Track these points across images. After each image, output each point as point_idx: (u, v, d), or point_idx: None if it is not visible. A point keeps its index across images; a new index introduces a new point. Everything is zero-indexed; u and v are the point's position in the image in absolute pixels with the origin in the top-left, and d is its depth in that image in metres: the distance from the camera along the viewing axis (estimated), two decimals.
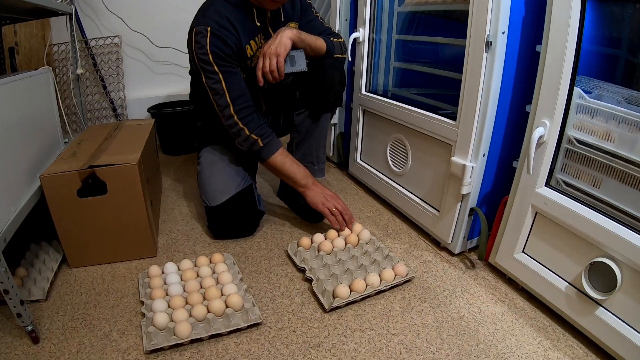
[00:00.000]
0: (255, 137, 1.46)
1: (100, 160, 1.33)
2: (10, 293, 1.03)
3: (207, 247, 1.56)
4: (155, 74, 2.75)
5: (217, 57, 1.37)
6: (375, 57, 1.94)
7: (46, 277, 1.32)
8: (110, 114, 2.67)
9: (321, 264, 1.39)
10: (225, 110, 1.44)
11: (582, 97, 1.07)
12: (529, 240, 1.26)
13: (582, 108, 1.08)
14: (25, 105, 1.34)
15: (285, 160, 1.52)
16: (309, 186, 1.54)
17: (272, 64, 1.40)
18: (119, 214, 1.37)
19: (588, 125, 1.08)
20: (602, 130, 1.05)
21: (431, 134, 1.52)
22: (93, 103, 2.61)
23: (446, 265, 1.46)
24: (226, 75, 1.40)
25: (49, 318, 1.20)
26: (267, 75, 1.42)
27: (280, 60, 1.40)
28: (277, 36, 1.41)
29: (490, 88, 1.23)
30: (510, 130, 1.34)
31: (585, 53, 1.06)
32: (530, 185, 1.19)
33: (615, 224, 1.01)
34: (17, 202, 1.20)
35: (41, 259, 1.40)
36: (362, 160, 2.08)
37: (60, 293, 1.30)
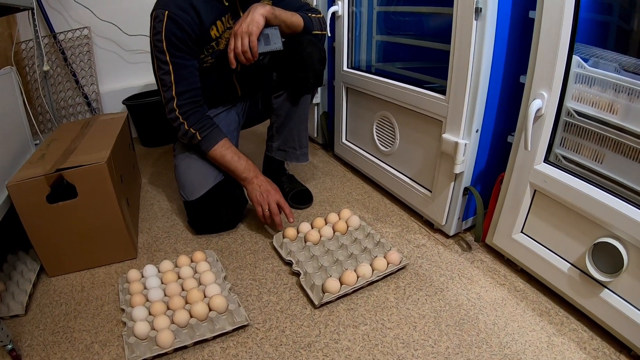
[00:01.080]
0: (194, 130, 1.42)
1: (68, 162, 1.26)
2: None
3: (189, 243, 1.50)
4: (128, 63, 2.64)
5: (172, 45, 1.33)
6: (356, 32, 1.86)
7: (24, 290, 1.26)
8: (85, 110, 2.57)
9: (309, 255, 1.34)
10: (169, 103, 1.40)
11: (581, 66, 1.01)
12: (527, 220, 1.21)
13: (581, 78, 1.02)
14: None
15: (224, 153, 1.46)
16: (249, 179, 1.48)
17: (244, 44, 1.31)
18: (93, 217, 1.30)
19: (588, 96, 1.02)
20: (604, 101, 0.99)
21: (419, 110, 1.45)
22: (66, 99, 2.50)
23: (441, 248, 1.41)
24: (177, 67, 1.36)
25: (30, 333, 1.14)
26: (240, 56, 1.33)
27: (253, 39, 1.31)
28: (249, 14, 1.32)
29: (482, 58, 1.16)
30: (504, 104, 1.28)
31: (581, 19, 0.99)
32: (528, 162, 1.14)
33: (621, 201, 0.96)
34: None
35: (19, 270, 1.34)
36: (347, 140, 2.02)
37: (40, 305, 1.25)
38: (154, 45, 1.35)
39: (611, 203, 0.96)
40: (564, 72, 1.01)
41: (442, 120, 1.34)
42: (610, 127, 0.98)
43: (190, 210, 1.51)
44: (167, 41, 1.31)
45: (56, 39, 2.34)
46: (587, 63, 1.01)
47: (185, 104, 1.40)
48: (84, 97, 2.49)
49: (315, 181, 1.91)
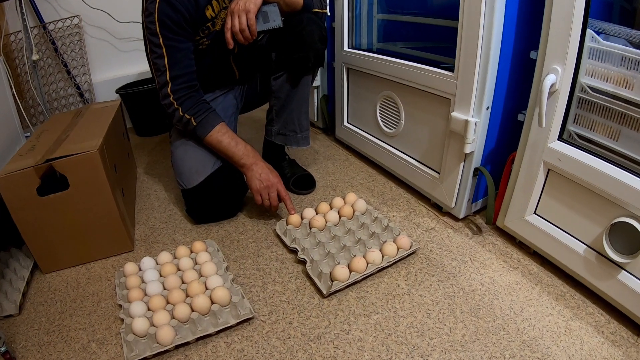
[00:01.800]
0: (189, 116, 1.36)
1: (58, 151, 1.22)
2: None
3: (188, 233, 1.46)
4: (121, 52, 2.58)
5: (165, 27, 1.26)
6: (356, 10, 1.81)
7: (18, 289, 1.22)
8: (78, 101, 2.51)
9: (314, 242, 1.30)
10: (163, 89, 1.34)
11: (596, 40, 0.97)
12: (541, 201, 1.17)
13: (595, 52, 0.98)
14: None
15: (221, 139, 1.40)
16: (247, 166, 1.42)
17: (241, 22, 1.25)
18: (86, 209, 1.26)
19: (603, 71, 0.98)
20: (620, 76, 0.95)
21: (426, 89, 1.40)
22: (58, 91, 2.44)
23: (451, 231, 1.37)
24: (170, 50, 1.30)
25: (24, 334, 1.10)
26: (238, 35, 1.28)
27: (251, 17, 1.25)
28: None
29: (492, 32, 1.11)
30: (514, 81, 1.23)
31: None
32: (541, 140, 1.09)
33: (639, 179, 0.92)
34: None
35: (12, 267, 1.30)
36: (349, 123, 1.97)
37: (34, 304, 1.20)
38: (146, 28, 1.29)
39: (629, 181, 0.93)
40: (578, 46, 0.97)
41: (450, 98, 1.30)
42: (626, 102, 0.94)
43: (188, 198, 1.47)
44: (160, 23, 1.25)
45: (46, 29, 2.28)
46: (600, 37, 0.97)
47: (180, 89, 1.35)
48: (76, 87, 2.44)
49: (317, 166, 1.86)
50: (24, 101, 2.15)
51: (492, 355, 0.94)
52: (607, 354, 0.93)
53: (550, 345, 0.96)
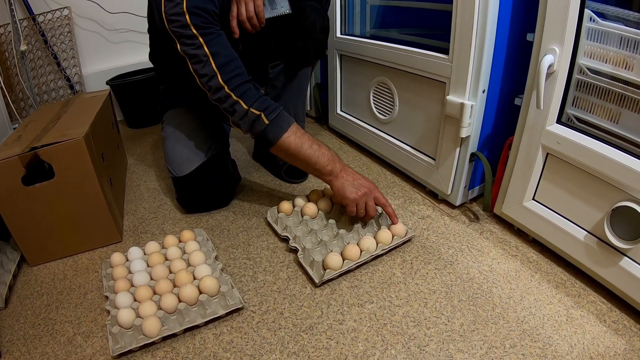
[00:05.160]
0: (257, 111, 1.15)
1: (43, 140, 1.18)
2: None
3: (178, 223, 1.43)
4: (111, 43, 2.54)
5: (197, 17, 1.08)
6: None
7: (4, 282, 1.19)
8: (68, 93, 2.48)
9: (306, 230, 1.26)
10: (211, 81, 1.13)
11: (594, 20, 0.94)
12: (539, 186, 1.14)
13: (593, 32, 0.95)
14: None
15: (301, 141, 1.19)
16: (335, 173, 1.21)
17: (249, 10, 1.17)
18: (73, 199, 1.22)
19: (601, 52, 0.95)
20: (619, 57, 0.91)
21: (420, 73, 1.37)
22: (48, 83, 2.41)
23: (447, 219, 1.34)
24: (209, 37, 1.11)
25: (10, 327, 1.07)
26: (245, 23, 1.19)
27: (259, 3, 1.18)
28: None
29: (487, 13, 1.07)
30: (511, 63, 1.20)
31: None
32: (539, 123, 1.06)
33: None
34: None
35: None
36: (342, 111, 1.94)
37: (20, 297, 1.17)
38: (171, 21, 1.08)
39: (631, 164, 0.89)
40: (576, 27, 0.94)
41: (445, 81, 1.26)
42: (626, 84, 0.91)
43: (179, 187, 1.43)
44: (191, 14, 1.06)
45: (35, 21, 2.24)
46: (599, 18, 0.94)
47: (233, 77, 1.14)
48: (67, 79, 2.40)
49: None
50: (13, 94, 2.11)
51: (492, 345, 0.91)
52: (609, 343, 0.90)
53: (551, 334, 0.93)
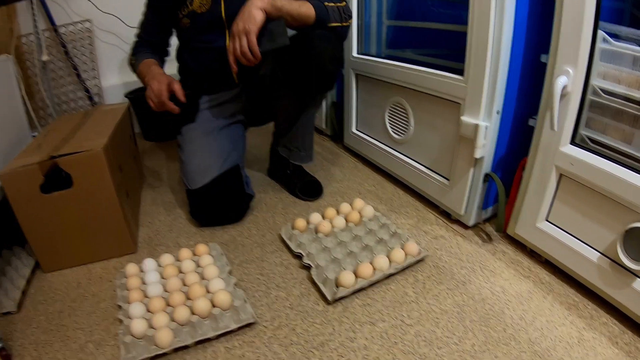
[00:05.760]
0: (133, 59, 1.56)
1: (63, 149, 1.22)
2: None
3: (192, 237, 1.45)
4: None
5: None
6: (365, 16, 1.80)
7: (18, 287, 1.22)
8: (87, 104, 2.54)
9: (320, 247, 1.28)
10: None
11: (607, 41, 0.96)
12: (553, 207, 1.15)
13: (607, 54, 0.97)
14: None
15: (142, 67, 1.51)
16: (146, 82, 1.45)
17: (242, 45, 1.19)
18: (90, 208, 1.25)
19: (615, 72, 0.97)
20: (632, 78, 0.93)
21: (435, 93, 1.39)
22: (67, 93, 2.47)
23: (460, 239, 1.35)
24: (146, 16, 1.58)
25: (22, 332, 1.09)
26: (241, 58, 1.22)
27: (252, 38, 1.19)
28: (245, 9, 1.20)
29: (502, 35, 1.11)
30: (525, 85, 1.22)
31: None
32: (553, 144, 1.08)
33: None
34: None
35: (13, 266, 1.30)
36: (358, 130, 1.96)
37: (33, 302, 1.20)
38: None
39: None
40: (590, 48, 0.96)
41: (460, 102, 1.29)
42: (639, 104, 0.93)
43: (193, 199, 1.47)
44: None
45: (57, 32, 2.30)
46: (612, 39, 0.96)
47: (138, 44, 1.59)
48: (86, 90, 2.46)
49: (324, 172, 1.85)
50: (33, 102, 2.16)
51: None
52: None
53: (563, 356, 0.93)
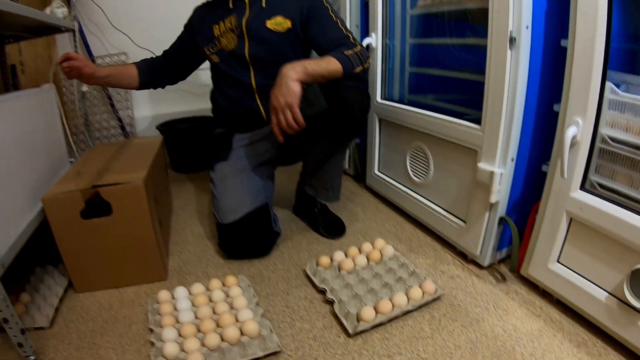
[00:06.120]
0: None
1: (104, 179, 1.31)
2: (10, 322, 1.01)
3: (220, 268, 1.52)
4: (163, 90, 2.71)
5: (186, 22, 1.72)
6: (389, 63, 1.91)
7: (51, 304, 1.30)
8: (119, 133, 2.68)
9: (343, 284, 1.34)
10: None
11: (615, 92, 1.03)
12: (564, 249, 1.21)
13: (615, 104, 1.04)
14: (28, 124, 1.33)
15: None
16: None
17: (287, 119, 1.26)
18: (126, 236, 1.34)
19: (622, 121, 1.03)
20: (639, 126, 1.00)
21: (454, 140, 1.47)
22: (101, 122, 2.63)
23: (475, 279, 1.41)
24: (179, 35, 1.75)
25: (54, 347, 1.16)
26: (287, 130, 1.29)
27: (295, 111, 1.25)
28: (282, 82, 1.27)
29: (517, 87, 1.20)
30: (538, 132, 1.30)
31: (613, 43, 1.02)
32: (563, 190, 1.14)
33: None
34: (18, 226, 1.19)
35: (46, 283, 1.38)
36: (380, 171, 2.04)
37: (65, 320, 1.27)
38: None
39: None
40: (598, 99, 1.03)
41: (477, 149, 1.36)
42: None
43: (223, 233, 1.55)
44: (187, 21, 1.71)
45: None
46: (620, 88, 1.03)
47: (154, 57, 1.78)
48: (118, 120, 2.60)
49: (347, 212, 1.93)
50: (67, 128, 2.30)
51: None
52: None
53: None
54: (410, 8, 1.79)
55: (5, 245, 1.08)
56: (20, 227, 1.19)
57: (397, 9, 1.83)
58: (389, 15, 1.84)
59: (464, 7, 1.48)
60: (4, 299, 0.99)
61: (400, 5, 1.82)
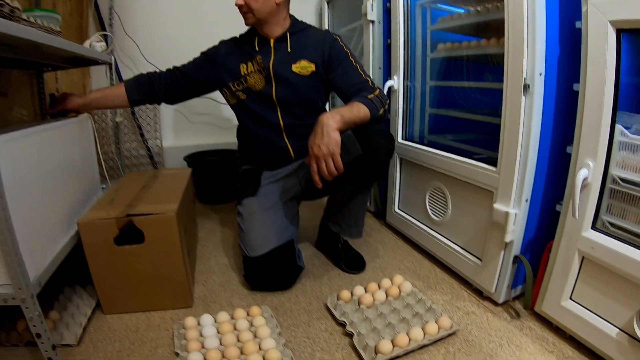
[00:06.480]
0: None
1: (138, 208, 1.40)
2: (43, 337, 1.09)
3: (244, 298, 1.59)
4: (191, 123, 2.87)
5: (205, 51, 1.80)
6: (410, 104, 2.00)
7: (79, 322, 1.36)
8: (147, 162, 2.80)
9: (362, 317, 1.39)
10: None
11: (624, 134, 1.10)
12: (576, 287, 1.26)
13: (624, 145, 1.10)
14: (66, 151, 1.44)
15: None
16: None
17: (329, 167, 1.31)
18: (156, 264, 1.41)
19: (632, 162, 1.09)
20: None
21: (471, 181, 1.54)
22: (130, 150, 2.75)
23: (490, 315, 1.45)
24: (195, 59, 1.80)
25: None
26: (327, 177, 1.33)
27: (337, 159, 1.30)
28: (322, 131, 1.31)
29: (531, 131, 1.27)
30: (552, 173, 1.37)
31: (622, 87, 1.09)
32: (575, 229, 1.20)
33: None
34: (54, 247, 1.28)
35: (75, 303, 1.45)
36: (400, 209, 2.11)
37: (92, 339, 1.33)
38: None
39: None
40: (608, 141, 1.10)
41: (493, 191, 1.43)
42: None
43: (249, 266, 1.61)
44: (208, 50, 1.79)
45: None
46: (630, 130, 1.09)
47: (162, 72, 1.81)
48: (147, 149, 2.72)
49: (367, 248, 1.98)
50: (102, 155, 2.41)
51: None
52: None
53: None
54: (431, 51, 1.89)
55: (42, 265, 1.17)
56: (56, 249, 1.28)
57: (418, 52, 1.93)
58: (410, 58, 1.94)
59: (482, 52, 1.58)
60: (39, 315, 1.07)
61: (421, 48, 1.92)
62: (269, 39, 1.66)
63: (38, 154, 1.24)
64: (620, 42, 1.06)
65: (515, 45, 1.26)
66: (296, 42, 1.67)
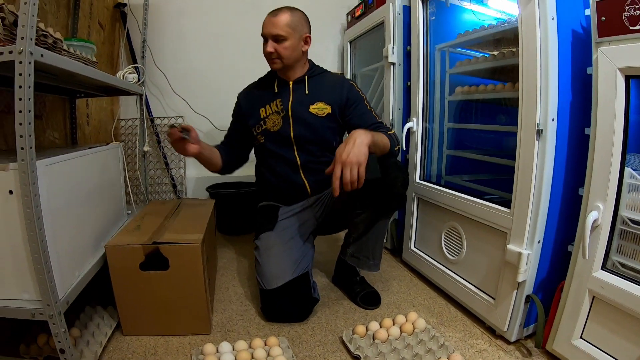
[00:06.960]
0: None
1: (164, 237, 1.47)
2: (66, 353, 1.15)
3: (262, 329, 1.63)
4: None
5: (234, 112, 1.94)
6: (428, 146, 2.07)
7: (99, 341, 1.42)
8: (170, 190, 2.89)
9: (376, 352, 1.43)
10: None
11: (634, 177, 1.15)
12: (587, 326, 1.29)
13: (634, 187, 1.16)
14: (98, 177, 1.53)
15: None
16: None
17: (353, 175, 1.37)
18: (178, 290, 1.48)
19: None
20: None
21: (486, 222, 1.60)
22: (155, 178, 2.85)
23: (502, 354, 1.48)
24: (231, 124, 1.95)
25: None
26: (347, 185, 1.38)
27: (362, 170, 1.37)
28: (354, 142, 1.40)
29: (543, 175, 1.34)
30: (564, 215, 1.42)
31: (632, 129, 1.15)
32: (586, 270, 1.25)
33: None
34: (82, 268, 1.37)
35: (95, 322, 1.51)
36: (416, 247, 2.16)
37: (111, 358, 1.39)
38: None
39: None
40: (618, 183, 1.16)
41: (506, 231, 1.48)
42: None
43: (265, 298, 1.67)
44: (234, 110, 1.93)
45: (153, 122, 2.73)
46: (638, 172, 1.15)
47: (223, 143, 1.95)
48: (171, 178, 2.82)
49: (383, 284, 2.03)
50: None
51: None
52: None
53: None
54: (449, 94, 1.98)
55: (70, 284, 1.26)
56: (84, 270, 1.37)
57: (436, 94, 2.02)
58: (429, 100, 2.02)
59: (498, 96, 1.66)
60: (65, 332, 1.14)
61: (439, 91, 2.01)
62: (288, 81, 1.79)
63: (73, 179, 1.33)
64: (629, 87, 1.13)
65: (529, 91, 1.34)
66: (314, 84, 1.79)
